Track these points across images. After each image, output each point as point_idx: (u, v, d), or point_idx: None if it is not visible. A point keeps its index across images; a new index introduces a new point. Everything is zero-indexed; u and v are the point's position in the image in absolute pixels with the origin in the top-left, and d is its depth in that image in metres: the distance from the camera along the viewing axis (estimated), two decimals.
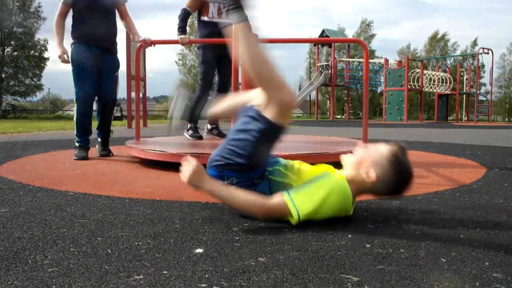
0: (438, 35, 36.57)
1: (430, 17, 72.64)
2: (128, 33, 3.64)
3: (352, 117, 24.59)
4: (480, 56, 18.74)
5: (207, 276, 1.02)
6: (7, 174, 2.64)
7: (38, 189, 2.15)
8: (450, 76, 19.74)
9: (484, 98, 30.37)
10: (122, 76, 9.54)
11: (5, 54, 30.31)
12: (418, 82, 18.77)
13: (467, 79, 20.53)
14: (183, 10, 3.92)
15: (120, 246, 1.25)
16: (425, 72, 19.56)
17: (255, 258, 1.15)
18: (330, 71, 19.68)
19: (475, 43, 34.80)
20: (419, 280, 1.01)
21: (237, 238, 1.34)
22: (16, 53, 30.75)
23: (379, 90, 26.06)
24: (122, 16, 3.67)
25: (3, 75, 30.07)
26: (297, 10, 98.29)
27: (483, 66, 24.59)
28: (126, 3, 3.68)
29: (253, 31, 1.48)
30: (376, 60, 25.04)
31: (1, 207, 1.74)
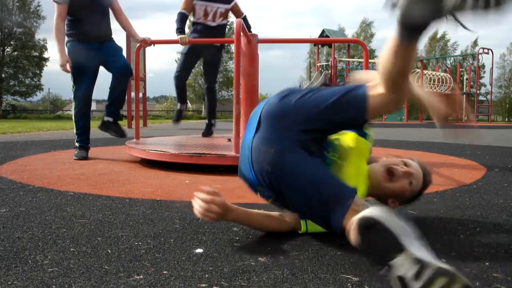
0: (438, 35, 36.62)
1: None
2: (127, 34, 3.59)
3: None
4: (480, 56, 18.73)
5: (207, 276, 1.03)
6: (7, 174, 2.64)
7: (38, 189, 2.15)
8: (450, 76, 19.73)
9: (484, 98, 30.36)
10: None
11: (5, 54, 30.34)
12: (418, 82, 18.78)
13: (467, 79, 20.52)
14: (179, 13, 4.05)
15: (120, 246, 1.25)
16: (425, 72, 19.56)
17: (255, 258, 1.15)
18: (330, 71, 19.68)
19: (475, 43, 34.83)
20: None
21: (237, 238, 1.34)
22: (16, 53, 30.78)
23: None
24: (116, 14, 3.59)
25: (3, 75, 30.08)
26: (297, 10, 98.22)
27: (483, 66, 24.61)
28: (125, 2, 3.65)
29: None
30: (376, 60, 25.03)
31: (1, 207, 1.74)
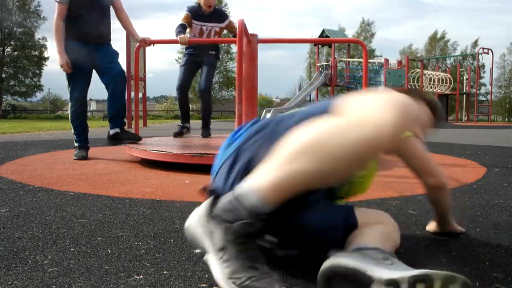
0: (438, 35, 36.63)
1: (430, 17, 72.71)
2: (127, 33, 3.58)
3: None
4: (480, 56, 18.73)
5: (207, 276, 1.02)
6: (7, 174, 2.64)
7: (38, 189, 2.15)
8: (450, 76, 19.72)
9: (484, 98, 30.36)
10: None
11: (5, 54, 30.35)
12: (418, 82, 18.75)
13: (467, 79, 20.51)
14: (180, 24, 4.08)
15: (120, 246, 1.25)
16: (425, 72, 19.55)
17: None
18: (330, 71, 19.67)
19: (476, 43, 34.84)
20: None
21: None
22: (16, 53, 30.80)
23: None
24: (118, 13, 3.57)
25: (3, 75, 30.09)
26: (297, 10, 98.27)
27: (483, 66, 24.59)
28: (125, 2, 3.64)
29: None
30: (376, 60, 25.02)
31: (1, 207, 1.74)
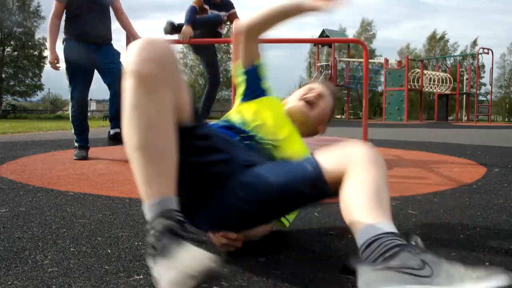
0: (438, 35, 36.62)
1: (430, 17, 72.69)
2: (127, 34, 3.58)
3: (352, 117, 24.56)
4: (480, 56, 18.73)
5: None
6: (7, 174, 2.64)
7: (38, 189, 2.15)
8: (450, 76, 19.72)
9: (484, 98, 30.35)
10: None
11: (5, 54, 30.35)
12: (418, 82, 18.75)
13: (467, 79, 20.51)
14: (191, 6, 4.04)
15: (120, 246, 1.25)
16: (425, 72, 19.54)
17: (255, 258, 1.15)
18: (330, 71, 19.66)
19: (475, 43, 34.83)
20: None
21: None
22: (16, 53, 30.80)
23: (379, 90, 26.06)
24: (117, 13, 3.56)
25: (3, 75, 30.09)
26: None
27: (483, 66, 24.58)
28: (125, 2, 3.64)
29: None
30: (376, 60, 25.03)
31: (1, 207, 1.74)
